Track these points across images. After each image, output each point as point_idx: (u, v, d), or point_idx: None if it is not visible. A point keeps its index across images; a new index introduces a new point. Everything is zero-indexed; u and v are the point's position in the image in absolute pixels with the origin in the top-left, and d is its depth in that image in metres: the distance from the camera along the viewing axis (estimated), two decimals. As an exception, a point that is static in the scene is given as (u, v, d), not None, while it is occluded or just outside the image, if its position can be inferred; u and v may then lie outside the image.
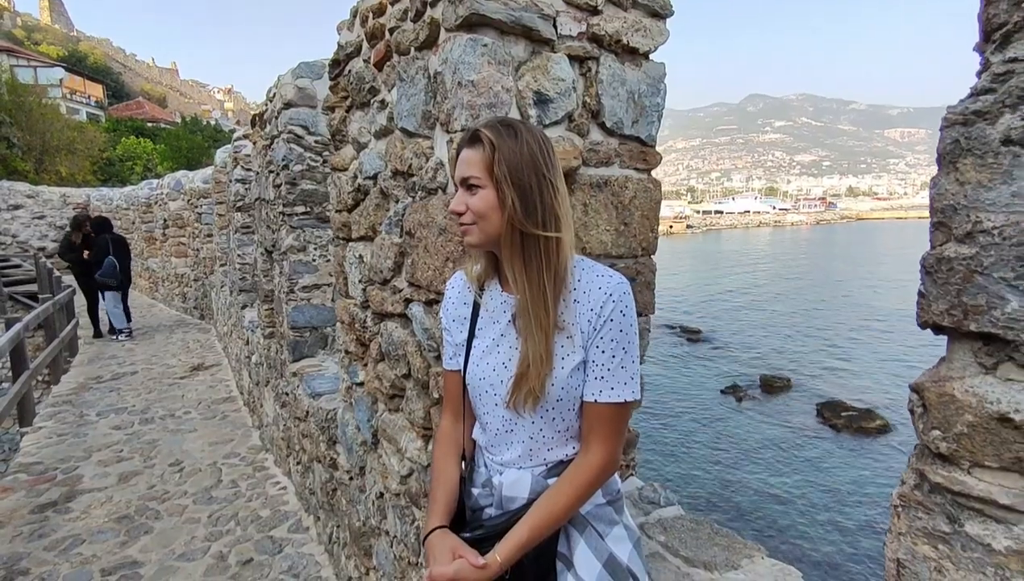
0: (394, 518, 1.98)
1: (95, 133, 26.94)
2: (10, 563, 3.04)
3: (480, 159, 1.06)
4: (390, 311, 1.91)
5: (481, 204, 1.06)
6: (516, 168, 1.04)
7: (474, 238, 1.09)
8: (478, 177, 1.06)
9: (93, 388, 6.30)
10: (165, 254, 11.51)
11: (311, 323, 3.50)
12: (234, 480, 3.96)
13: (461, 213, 1.09)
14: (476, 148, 1.07)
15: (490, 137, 1.05)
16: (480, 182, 1.06)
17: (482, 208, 1.06)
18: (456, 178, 1.12)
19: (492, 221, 1.06)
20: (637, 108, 1.70)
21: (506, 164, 1.04)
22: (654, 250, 1.80)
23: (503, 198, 1.04)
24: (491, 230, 1.07)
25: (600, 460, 1.08)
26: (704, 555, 1.42)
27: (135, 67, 62.57)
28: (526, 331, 1.08)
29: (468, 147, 1.09)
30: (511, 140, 1.05)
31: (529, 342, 1.07)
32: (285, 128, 3.33)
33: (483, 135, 1.06)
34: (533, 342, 1.06)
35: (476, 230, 1.08)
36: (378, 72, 1.98)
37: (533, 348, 1.06)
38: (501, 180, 1.04)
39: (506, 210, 1.04)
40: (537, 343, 1.06)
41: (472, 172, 1.07)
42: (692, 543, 1.48)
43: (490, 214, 1.06)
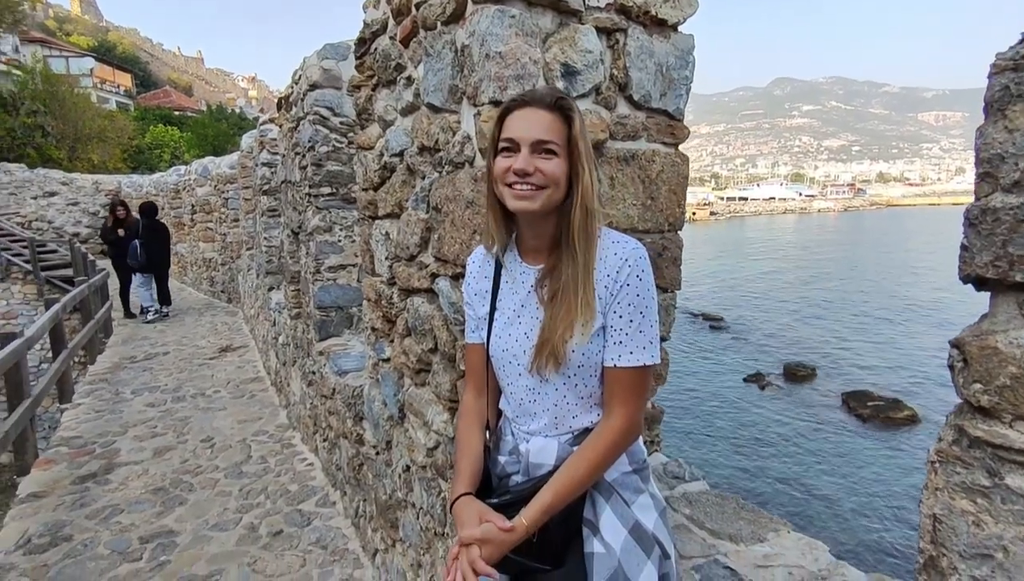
0: (420, 490, 2.02)
1: (125, 121, 27.46)
2: (54, 530, 3.18)
3: (560, 127, 1.05)
4: (416, 287, 1.94)
5: (557, 171, 1.05)
6: (587, 142, 1.07)
7: (536, 204, 1.06)
8: (556, 144, 1.05)
9: (127, 367, 6.50)
10: (193, 239, 11.75)
11: (337, 303, 3.56)
12: (263, 456, 4.07)
13: (529, 173, 1.04)
14: (555, 114, 1.05)
15: (575, 109, 1.06)
16: (557, 149, 1.05)
17: (558, 174, 1.05)
18: (521, 137, 1.05)
19: (561, 190, 1.06)
20: (665, 81, 1.68)
21: (583, 139, 1.06)
22: (681, 225, 1.79)
23: (577, 171, 1.05)
24: (556, 198, 1.07)
25: (621, 423, 1.09)
26: (730, 528, 1.43)
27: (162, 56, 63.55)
28: (552, 298, 1.09)
29: (544, 109, 1.05)
30: (581, 116, 1.07)
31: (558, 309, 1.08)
32: (311, 110, 3.37)
33: (569, 104, 1.06)
34: (562, 308, 1.07)
35: (541, 196, 1.05)
36: (404, 48, 1.98)
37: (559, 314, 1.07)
38: (582, 154, 1.05)
39: (580, 183, 1.04)
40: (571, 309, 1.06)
41: (551, 137, 1.04)
42: (717, 516, 1.49)
43: (562, 183, 1.06)
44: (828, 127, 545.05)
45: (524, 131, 1.05)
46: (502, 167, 1.08)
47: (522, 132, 1.05)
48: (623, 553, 1.08)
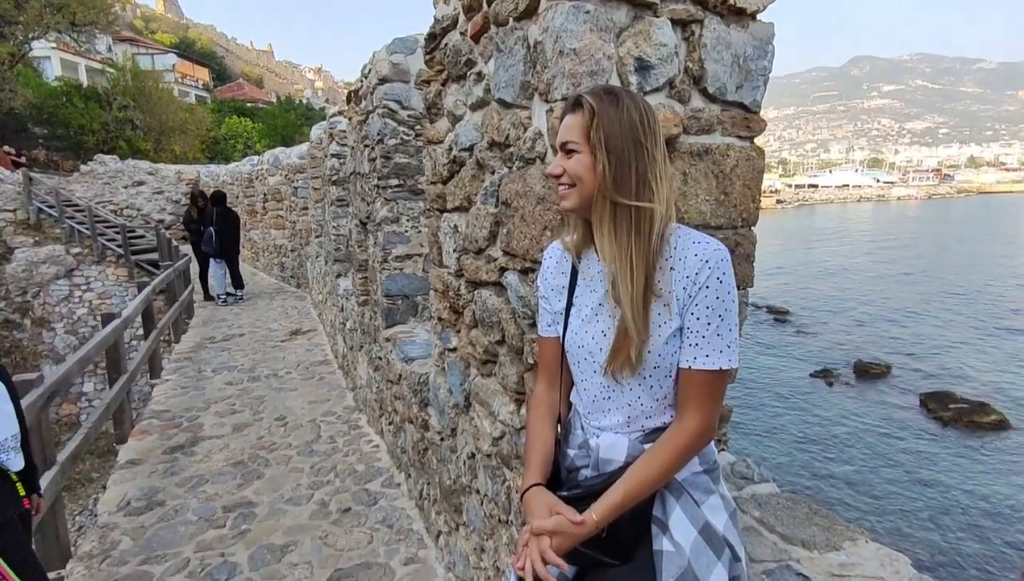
0: (485, 478, 2.07)
1: (203, 114, 29.04)
2: (149, 495, 3.47)
3: (579, 124, 1.09)
4: (484, 279, 1.98)
5: (577, 167, 1.09)
6: (613, 135, 1.05)
7: (570, 202, 1.12)
8: (575, 141, 1.09)
9: (208, 347, 6.95)
10: (265, 226, 12.34)
11: (403, 291, 3.67)
12: (332, 436, 4.27)
13: (558, 176, 1.12)
14: (576, 113, 1.10)
15: (591, 102, 1.07)
16: (577, 146, 1.09)
17: (578, 171, 1.09)
18: (556, 143, 1.15)
19: (587, 185, 1.08)
20: (742, 72, 1.63)
21: (603, 130, 1.06)
22: (755, 221, 1.74)
23: (595, 164, 1.06)
24: (586, 194, 1.09)
25: (695, 427, 1.08)
26: (802, 533, 1.40)
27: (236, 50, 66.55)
28: (619, 299, 1.09)
29: (570, 112, 1.12)
30: (612, 107, 1.07)
31: (623, 310, 1.08)
32: (380, 103, 3.46)
33: (584, 100, 1.09)
34: (626, 310, 1.08)
35: (573, 194, 1.11)
36: (475, 44, 2.00)
37: (626, 316, 1.08)
38: (596, 145, 1.06)
39: (597, 176, 1.06)
40: (628, 310, 1.07)
41: (570, 136, 1.10)
42: (789, 521, 1.46)
43: (585, 177, 1.08)
44: (912, 108, 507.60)
45: (559, 136, 1.14)
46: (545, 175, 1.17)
47: (558, 138, 1.14)
48: (693, 553, 1.08)
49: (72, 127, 20.97)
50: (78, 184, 16.91)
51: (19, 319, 13.06)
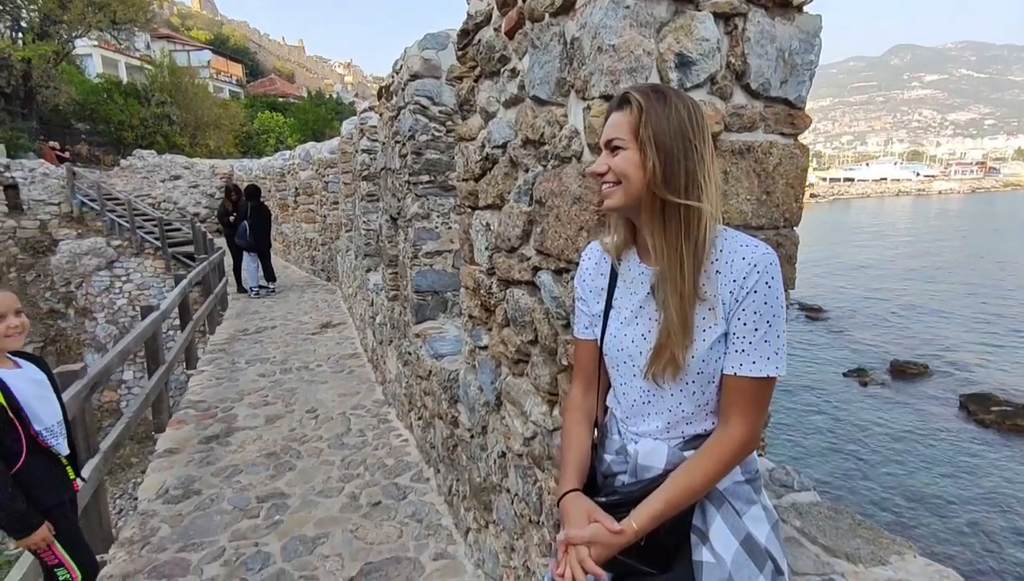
0: (516, 477, 2.07)
1: (237, 109, 29.63)
2: (186, 484, 3.57)
3: (626, 121, 1.06)
4: (517, 278, 1.96)
5: (624, 164, 1.06)
6: (662, 132, 1.03)
7: (614, 201, 1.10)
8: (622, 138, 1.06)
9: (241, 339, 7.11)
10: (296, 220, 12.54)
11: (433, 287, 3.68)
12: (361, 430, 4.32)
13: (602, 173, 1.10)
14: (624, 110, 1.07)
15: (639, 99, 1.05)
16: (624, 144, 1.06)
17: (625, 168, 1.06)
18: (601, 141, 1.12)
19: (634, 182, 1.06)
20: (787, 67, 1.57)
21: (652, 127, 1.03)
22: (798, 221, 1.69)
23: (645, 160, 1.03)
24: (632, 192, 1.07)
25: (740, 435, 1.05)
26: (846, 546, 1.35)
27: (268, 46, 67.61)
28: (665, 301, 1.07)
29: (616, 110, 1.09)
30: (660, 104, 1.04)
31: (667, 312, 1.06)
32: (411, 99, 3.47)
33: (632, 97, 1.06)
34: (671, 312, 1.05)
35: (618, 192, 1.08)
36: (509, 40, 1.98)
37: (671, 318, 1.05)
38: (645, 142, 1.03)
39: (647, 173, 1.03)
40: (675, 313, 1.04)
41: (617, 133, 1.07)
42: (831, 532, 1.41)
43: (632, 174, 1.05)
44: (955, 98, 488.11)
45: (603, 134, 1.12)
46: (589, 173, 1.15)
47: (602, 136, 1.13)
48: (734, 566, 1.06)
49: (112, 123, 21.63)
50: (118, 178, 17.44)
51: (63, 309, 13.57)
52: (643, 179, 1.04)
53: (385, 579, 2.65)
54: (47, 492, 1.93)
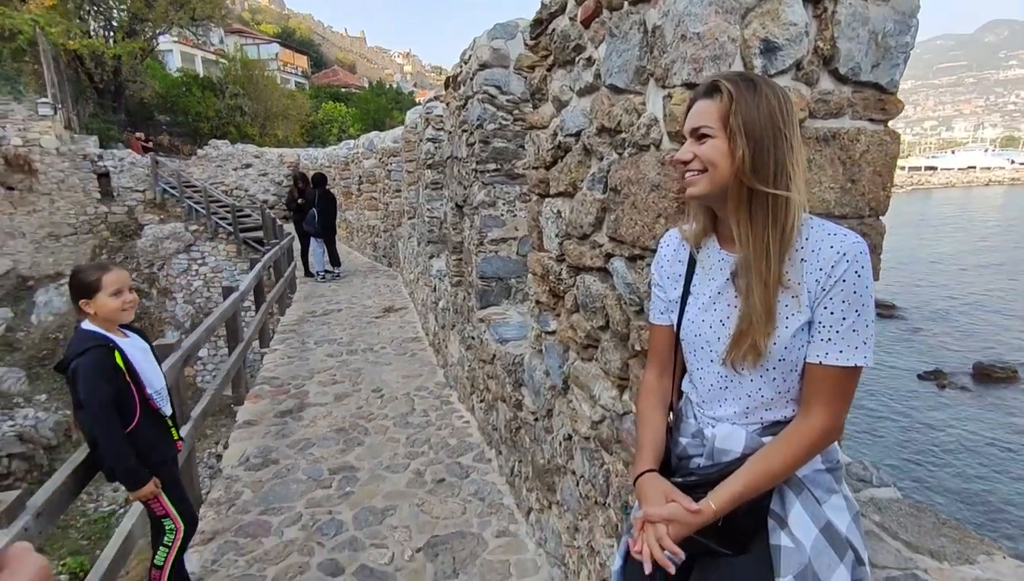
0: (582, 459, 2.11)
1: (303, 100, 30.70)
2: (264, 453, 3.81)
3: (715, 109, 1.07)
4: (588, 265, 1.99)
5: (711, 152, 1.07)
6: (752, 121, 1.03)
7: (699, 188, 1.11)
8: (710, 126, 1.07)
9: (310, 321, 7.45)
10: (359, 207, 12.95)
11: (497, 274, 3.76)
12: (425, 410, 4.48)
13: (688, 161, 1.11)
14: (712, 98, 1.08)
15: (729, 88, 1.05)
16: (712, 132, 1.07)
17: (712, 156, 1.07)
18: (686, 129, 1.13)
19: (720, 171, 1.06)
20: (879, 50, 1.52)
21: (742, 116, 1.03)
22: (884, 210, 1.63)
23: (734, 149, 1.04)
24: (718, 180, 1.07)
25: (822, 424, 1.05)
26: (930, 543, 1.32)
27: (331, 38, 69.51)
28: (747, 288, 1.08)
29: (703, 97, 1.10)
30: (750, 92, 1.05)
31: (750, 299, 1.07)
32: (480, 88, 3.53)
33: (722, 85, 1.06)
34: (754, 299, 1.06)
35: (703, 180, 1.09)
36: (585, 29, 2.00)
37: (754, 306, 1.06)
38: (735, 130, 1.04)
39: (735, 162, 1.04)
40: (759, 301, 1.05)
41: (704, 121, 1.08)
42: (914, 529, 1.38)
43: (719, 163, 1.06)
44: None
45: (688, 122, 1.12)
46: (673, 160, 1.16)
47: (687, 123, 1.12)
48: (814, 552, 1.06)
49: (190, 114, 22.89)
50: (195, 167, 18.49)
51: (147, 289, 14.58)
52: (731, 168, 1.05)
53: (451, 551, 2.77)
54: (156, 449, 2.14)
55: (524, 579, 2.59)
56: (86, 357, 1.93)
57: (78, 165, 14.75)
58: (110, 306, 2.01)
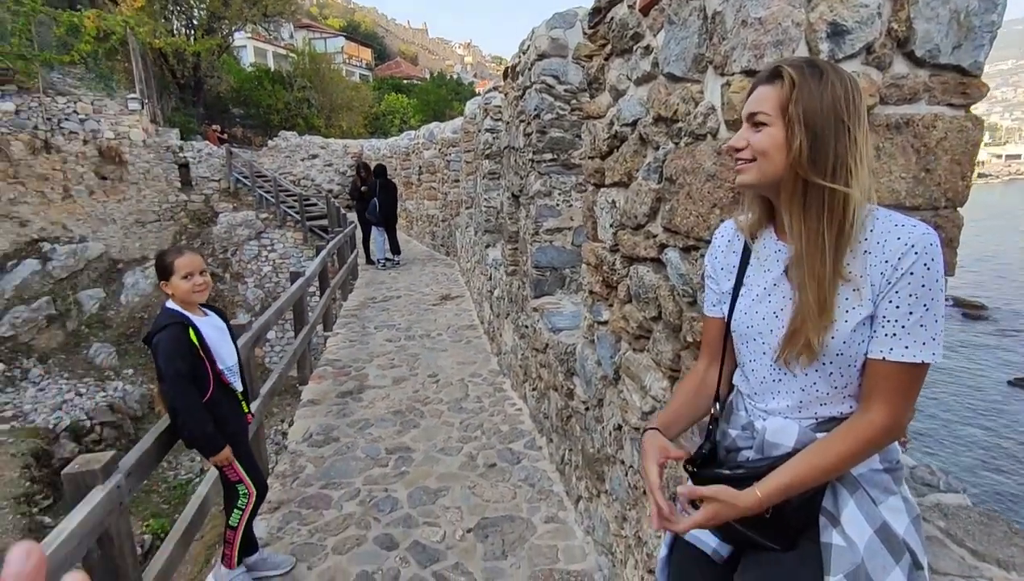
0: (632, 450, 2.11)
1: (366, 92, 31.52)
2: (326, 431, 4.01)
3: (775, 96, 1.03)
4: (642, 255, 1.98)
5: (765, 141, 1.04)
6: (813, 110, 0.99)
7: (749, 177, 1.08)
8: (767, 113, 1.04)
9: (370, 306, 7.71)
10: (419, 197, 13.23)
11: (552, 264, 3.78)
12: (478, 396, 4.57)
13: (740, 149, 1.08)
14: (773, 84, 1.04)
15: (792, 74, 1.01)
16: (768, 120, 1.04)
17: (765, 145, 1.04)
18: (743, 114, 1.10)
19: (773, 161, 1.03)
20: (961, 30, 1.43)
21: (803, 104, 0.99)
22: (962, 201, 1.54)
23: (791, 139, 1.01)
24: (769, 170, 1.04)
25: (882, 421, 1.01)
26: (998, 552, 1.26)
27: (394, 30, 70.81)
28: (801, 284, 1.05)
29: (765, 84, 1.06)
30: (815, 80, 1.00)
31: (803, 295, 1.04)
32: (538, 78, 3.54)
33: (784, 71, 1.03)
34: (807, 296, 1.03)
35: (753, 168, 1.07)
36: (643, 17, 1.97)
37: (807, 302, 1.03)
38: (794, 119, 1.00)
39: (791, 153, 1.01)
40: (812, 297, 1.02)
41: (761, 108, 1.05)
42: (982, 537, 1.32)
43: (772, 153, 1.03)
44: None
45: (745, 108, 1.09)
46: (726, 147, 1.13)
47: (744, 109, 1.09)
48: (867, 552, 1.03)
49: (262, 107, 23.99)
50: (265, 157, 19.39)
51: (222, 273, 15.46)
52: (784, 159, 1.02)
53: (500, 534, 2.84)
54: (228, 421, 2.30)
55: (571, 565, 2.62)
56: (165, 333, 2.11)
57: (162, 156, 15.79)
58: (182, 288, 2.18)
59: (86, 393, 11.06)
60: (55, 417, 10.02)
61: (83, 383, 11.34)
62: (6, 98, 13.15)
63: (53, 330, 12.22)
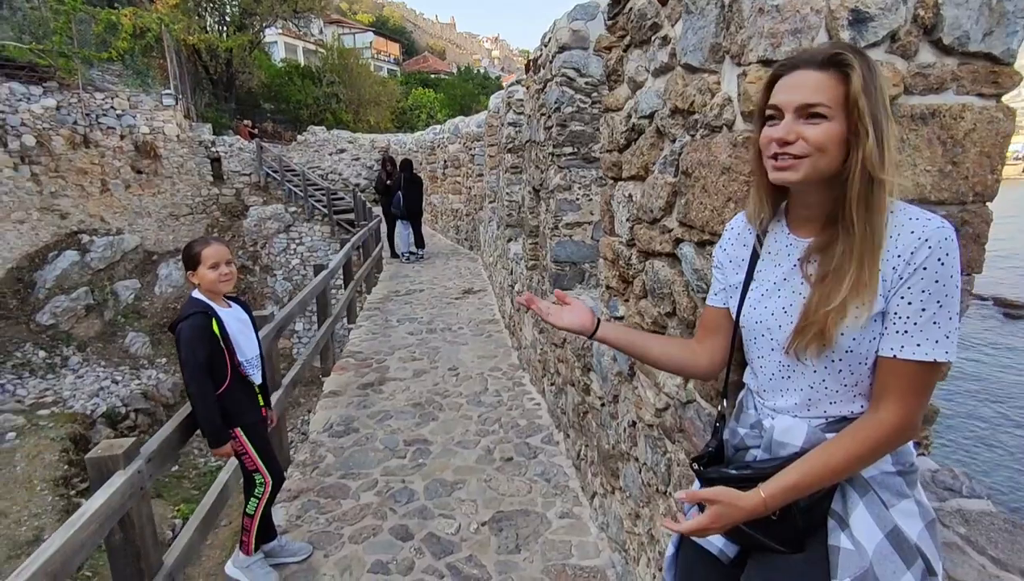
0: (645, 447, 2.09)
1: (394, 86, 31.74)
2: (347, 422, 4.06)
3: (834, 85, 0.96)
4: (658, 250, 1.95)
5: (823, 137, 0.96)
6: (875, 102, 0.94)
7: (799, 174, 0.99)
8: (827, 106, 0.96)
9: (393, 300, 7.79)
10: (444, 191, 13.29)
11: (571, 258, 3.76)
12: (497, 390, 4.58)
13: (790, 143, 0.99)
14: (828, 72, 0.96)
15: (858, 64, 0.95)
16: (829, 112, 0.96)
17: (823, 141, 0.96)
18: (782, 103, 1.00)
19: (831, 157, 0.97)
20: (993, 16, 1.37)
21: (867, 97, 0.94)
22: (992, 196, 1.47)
23: (858, 135, 0.94)
24: (823, 167, 0.98)
25: (894, 421, 0.97)
26: (1022, 562, 1.21)
27: (422, 25, 71.03)
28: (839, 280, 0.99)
29: (817, 70, 0.97)
30: (872, 71, 0.95)
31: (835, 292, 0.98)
32: (559, 71, 3.51)
33: (849, 59, 0.95)
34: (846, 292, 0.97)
35: (805, 164, 0.98)
36: (662, 7, 1.93)
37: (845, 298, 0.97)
38: (864, 114, 0.93)
39: (859, 148, 0.94)
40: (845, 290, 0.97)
41: (820, 99, 0.96)
42: (1006, 545, 1.26)
43: (832, 149, 0.97)
44: None
45: (788, 96, 0.99)
46: (766, 137, 1.03)
47: (786, 97, 0.99)
48: (876, 556, 1.00)
49: (292, 102, 24.36)
50: (295, 152, 19.71)
51: (251, 265, 15.81)
52: (840, 156, 0.97)
53: (515, 528, 2.84)
54: (244, 412, 2.35)
55: (585, 561, 2.61)
56: (188, 322, 2.16)
57: (195, 151, 16.17)
58: (208, 278, 2.23)
59: (122, 381, 11.45)
60: (92, 403, 10.41)
61: (119, 371, 11.74)
62: (48, 95, 13.61)
63: (91, 319, 12.67)
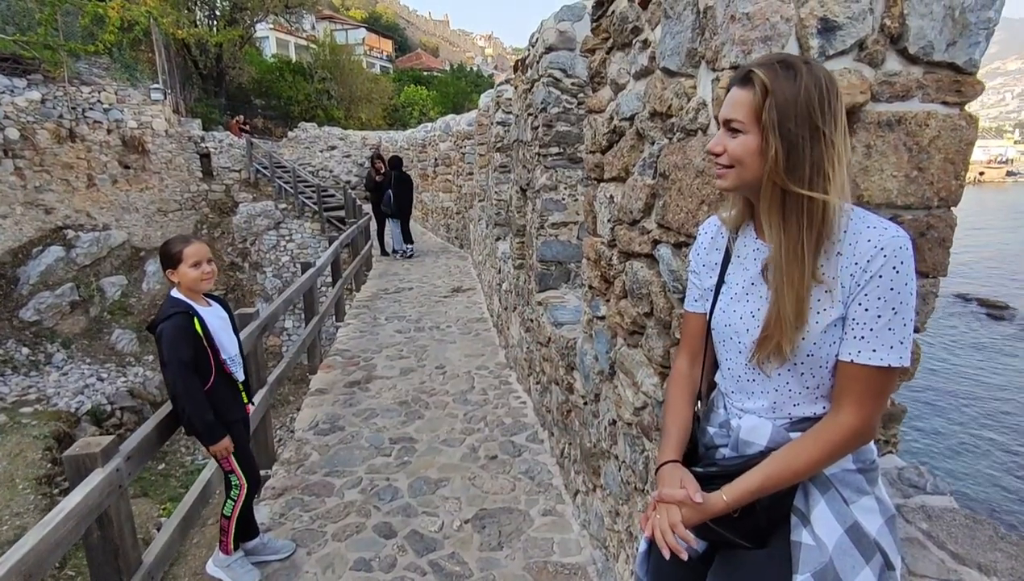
0: (624, 445, 2.12)
1: (386, 83, 31.59)
2: (332, 420, 4.07)
3: (748, 101, 1.01)
4: (637, 251, 1.98)
5: (740, 150, 1.03)
6: (787, 117, 0.97)
7: (727, 182, 1.08)
8: (741, 121, 1.02)
9: (382, 298, 7.79)
10: (435, 189, 13.27)
11: (557, 258, 3.78)
12: (484, 389, 4.60)
13: (718, 154, 1.08)
14: (746, 88, 1.02)
15: (763, 79, 0.99)
16: (743, 127, 1.02)
17: (740, 154, 1.03)
18: (720, 117, 1.09)
19: (749, 168, 1.03)
20: (956, 26, 1.40)
21: (777, 110, 0.97)
22: (956, 201, 1.51)
23: (766, 148, 0.99)
24: (747, 177, 1.04)
25: (852, 424, 1.01)
26: (980, 556, 1.25)
27: (416, 21, 70.73)
28: (776, 289, 1.04)
29: (738, 86, 1.04)
30: (788, 83, 0.98)
31: (779, 299, 1.03)
32: (545, 72, 3.53)
33: (755, 76, 1.00)
34: (782, 300, 1.02)
35: (731, 175, 1.07)
36: (643, 11, 1.96)
37: (782, 306, 1.02)
38: (768, 128, 0.98)
39: (767, 161, 0.99)
40: (787, 302, 1.02)
41: (735, 114, 1.03)
42: (965, 540, 1.30)
43: (748, 161, 1.02)
44: None
45: (722, 111, 1.07)
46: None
47: (720, 111, 1.08)
48: (836, 552, 1.03)
49: (283, 98, 24.20)
50: (285, 148, 19.59)
51: (241, 262, 15.72)
52: (760, 167, 1.01)
53: (497, 525, 2.87)
54: (228, 410, 2.35)
55: (566, 558, 2.64)
56: (170, 322, 2.15)
57: (184, 146, 16.03)
58: (190, 276, 2.23)
59: (107, 378, 11.35)
60: (77, 401, 10.31)
61: (104, 368, 11.64)
62: (32, 87, 13.44)
63: (76, 316, 12.55)
